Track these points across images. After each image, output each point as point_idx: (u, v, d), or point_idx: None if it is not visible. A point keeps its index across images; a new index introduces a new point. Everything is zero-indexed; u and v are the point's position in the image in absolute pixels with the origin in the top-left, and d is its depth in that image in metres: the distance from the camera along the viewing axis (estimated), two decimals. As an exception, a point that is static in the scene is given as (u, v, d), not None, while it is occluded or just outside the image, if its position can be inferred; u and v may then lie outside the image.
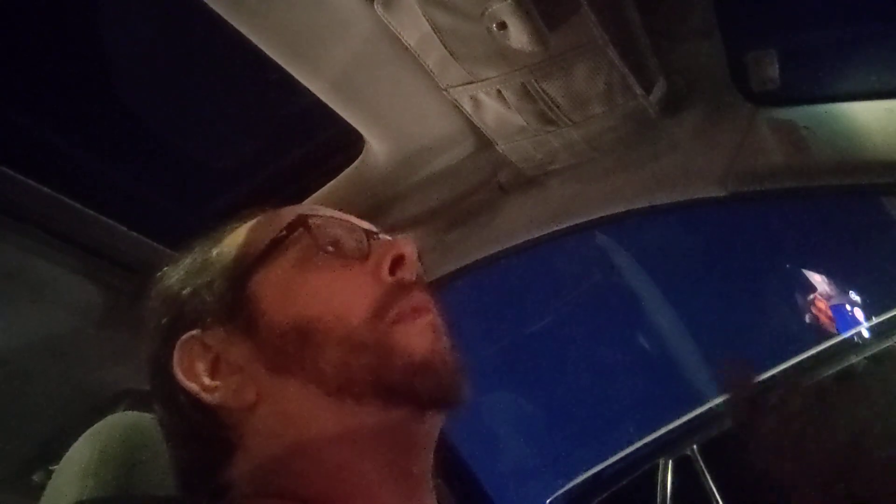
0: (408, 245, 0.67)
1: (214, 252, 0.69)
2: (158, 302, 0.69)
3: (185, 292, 0.67)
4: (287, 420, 0.61)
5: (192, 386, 0.62)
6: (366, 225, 0.72)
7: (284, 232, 0.66)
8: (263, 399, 0.61)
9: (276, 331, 0.62)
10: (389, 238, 0.71)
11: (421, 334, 0.63)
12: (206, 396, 0.62)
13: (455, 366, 0.63)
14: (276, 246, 0.66)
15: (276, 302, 0.63)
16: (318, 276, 0.64)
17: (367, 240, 0.68)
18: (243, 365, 0.62)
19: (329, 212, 0.71)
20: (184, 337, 0.64)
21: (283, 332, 0.61)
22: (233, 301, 0.64)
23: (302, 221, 0.66)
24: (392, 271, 0.65)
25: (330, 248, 0.66)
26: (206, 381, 0.62)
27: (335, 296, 0.63)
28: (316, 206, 0.73)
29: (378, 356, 0.60)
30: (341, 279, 0.64)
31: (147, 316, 0.69)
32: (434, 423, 0.64)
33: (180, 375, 0.62)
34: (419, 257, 0.70)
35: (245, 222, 0.72)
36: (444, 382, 0.62)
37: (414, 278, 0.67)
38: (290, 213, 0.69)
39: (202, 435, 0.63)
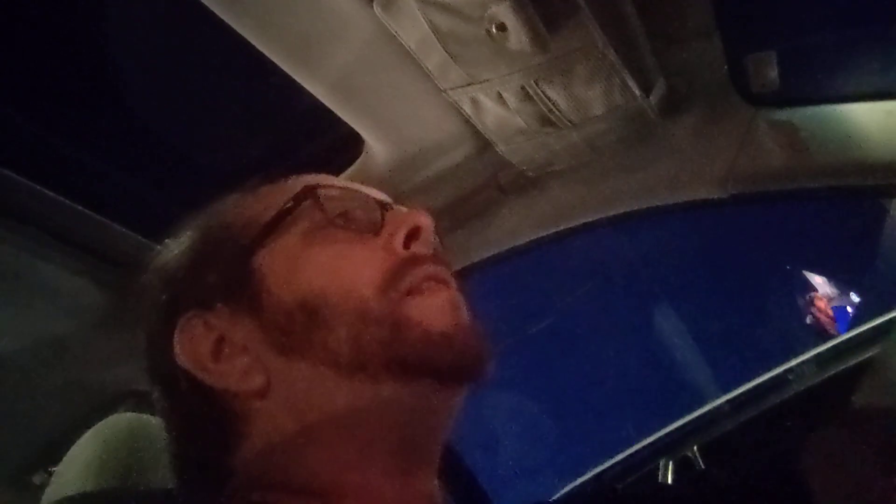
0: (423, 217, 0.63)
1: (218, 225, 0.65)
2: (157, 278, 0.65)
3: (186, 269, 0.63)
4: (300, 405, 0.57)
5: (195, 369, 0.58)
6: (381, 196, 0.68)
7: (291, 203, 0.62)
8: (274, 383, 0.57)
9: (283, 309, 0.58)
10: (404, 210, 0.67)
11: (437, 308, 0.59)
12: (210, 379, 0.58)
13: (476, 339, 0.59)
14: (282, 218, 0.61)
15: (282, 278, 0.59)
16: (327, 250, 0.60)
17: (381, 212, 0.64)
18: (249, 346, 0.58)
19: (342, 182, 0.67)
20: (185, 316, 0.60)
21: (289, 310, 0.57)
22: (237, 278, 0.60)
23: (310, 192, 0.62)
24: (406, 245, 0.61)
25: (340, 221, 0.62)
26: (210, 363, 0.58)
27: (343, 269, 0.59)
28: (327, 176, 0.69)
29: (391, 329, 0.56)
30: (351, 252, 0.60)
31: (144, 294, 0.65)
32: (456, 398, 0.60)
33: (182, 357, 0.59)
34: (438, 234, 0.67)
35: (250, 193, 0.68)
36: (465, 354, 0.58)
37: (430, 252, 0.63)
38: (297, 183, 0.65)
39: (204, 422, 0.59)
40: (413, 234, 0.62)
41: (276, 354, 0.58)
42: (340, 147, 1.22)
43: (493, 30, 0.91)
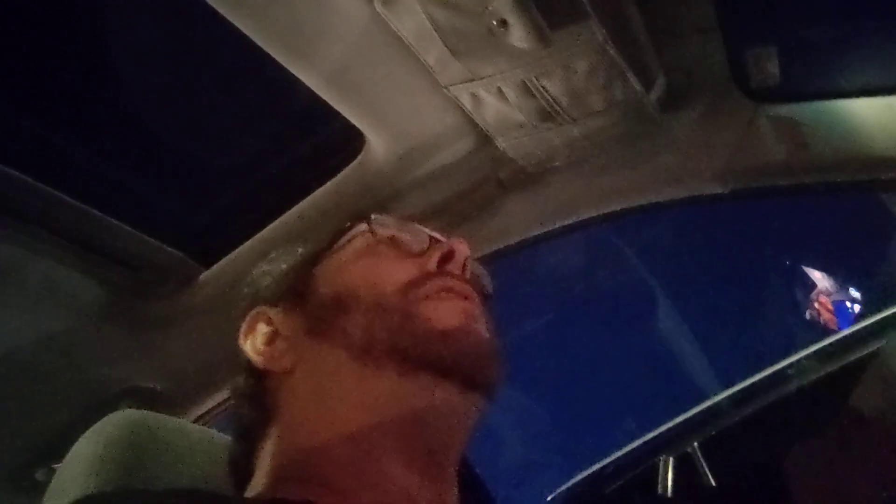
0: (460, 244, 0.72)
1: (300, 250, 0.76)
2: (247, 288, 0.77)
3: (265, 279, 0.76)
4: (315, 384, 0.64)
5: (247, 350, 0.69)
6: (434, 234, 0.76)
7: (348, 223, 0.74)
8: (299, 363, 0.66)
9: (320, 301, 0.68)
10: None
11: (448, 311, 0.65)
12: (255, 359, 0.68)
13: (484, 347, 0.64)
14: (339, 235, 0.73)
15: (328, 280, 0.70)
16: (371, 260, 0.70)
17: (430, 241, 0.73)
18: (291, 335, 0.68)
19: (400, 220, 0.77)
20: (253, 311, 0.71)
21: (324, 302, 0.67)
22: (296, 283, 0.71)
23: (365, 216, 0.73)
24: (440, 265, 0.69)
25: (388, 242, 0.71)
26: (260, 346, 0.68)
27: (376, 272, 0.68)
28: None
29: (400, 320, 0.63)
30: (389, 263, 0.69)
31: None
32: (461, 403, 0.62)
33: (241, 341, 0.70)
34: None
35: None
36: (468, 357, 0.62)
37: (459, 272, 0.70)
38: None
39: (251, 397, 0.69)
40: (447, 257, 0.70)
41: (306, 338, 0.67)
42: (341, 143, 1.23)
43: (495, 25, 0.91)
